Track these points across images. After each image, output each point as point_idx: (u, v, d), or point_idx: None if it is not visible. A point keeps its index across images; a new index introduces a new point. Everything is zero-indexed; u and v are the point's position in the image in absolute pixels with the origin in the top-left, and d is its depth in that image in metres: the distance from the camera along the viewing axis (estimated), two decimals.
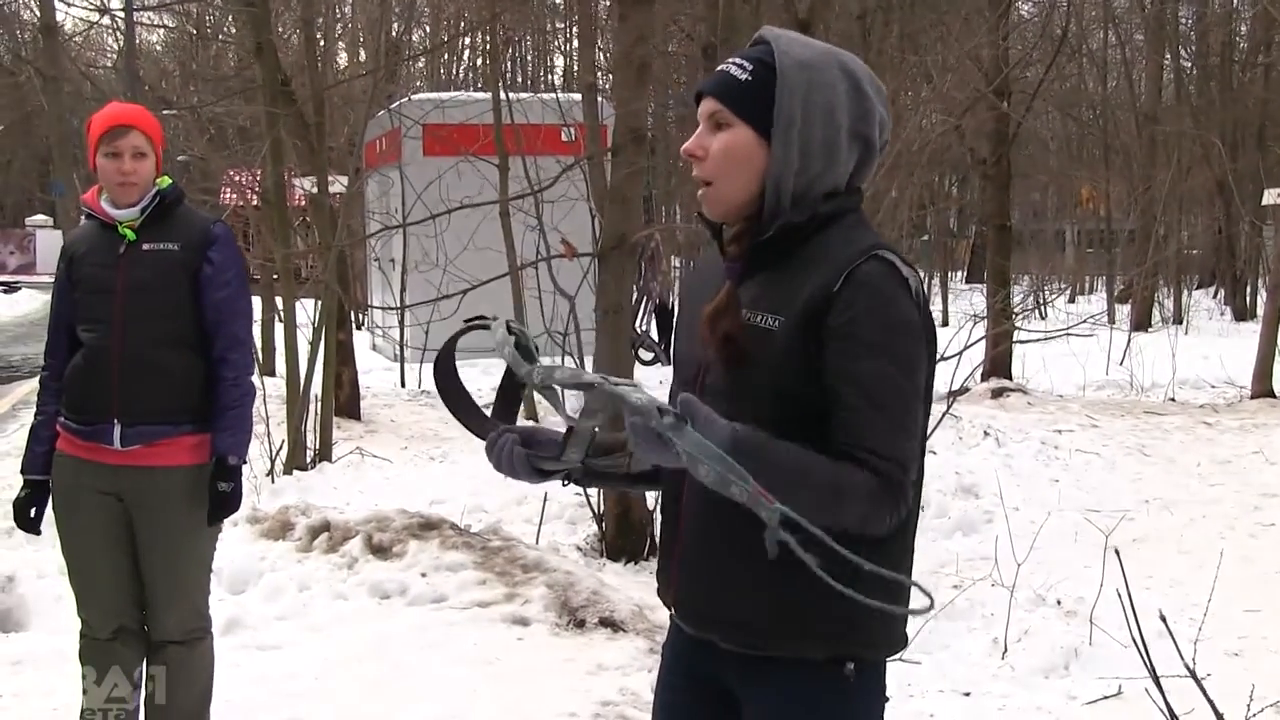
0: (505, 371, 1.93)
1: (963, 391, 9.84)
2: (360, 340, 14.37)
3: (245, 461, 3.49)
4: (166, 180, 3.44)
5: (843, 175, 1.89)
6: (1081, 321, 12.38)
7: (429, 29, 26.99)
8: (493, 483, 7.76)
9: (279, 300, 10.63)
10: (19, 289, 29.85)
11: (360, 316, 17.83)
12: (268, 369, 11.70)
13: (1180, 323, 21.07)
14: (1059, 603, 5.37)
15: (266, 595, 5.33)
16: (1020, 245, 22.73)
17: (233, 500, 3.41)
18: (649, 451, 1.68)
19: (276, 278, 10.95)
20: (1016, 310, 14.45)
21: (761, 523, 1.60)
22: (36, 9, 14.75)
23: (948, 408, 7.45)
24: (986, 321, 11.28)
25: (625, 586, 5.60)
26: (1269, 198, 17.71)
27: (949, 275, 28.82)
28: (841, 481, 1.74)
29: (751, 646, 1.89)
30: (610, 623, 4.97)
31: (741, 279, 1.90)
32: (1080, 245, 33.60)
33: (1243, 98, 25.00)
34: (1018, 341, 12.65)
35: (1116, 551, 3.88)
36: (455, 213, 7.60)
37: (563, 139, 10.65)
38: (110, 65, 25.01)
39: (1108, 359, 14.64)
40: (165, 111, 13.17)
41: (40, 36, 14.08)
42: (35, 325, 21.39)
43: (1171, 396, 12.46)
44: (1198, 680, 3.36)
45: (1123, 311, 22.27)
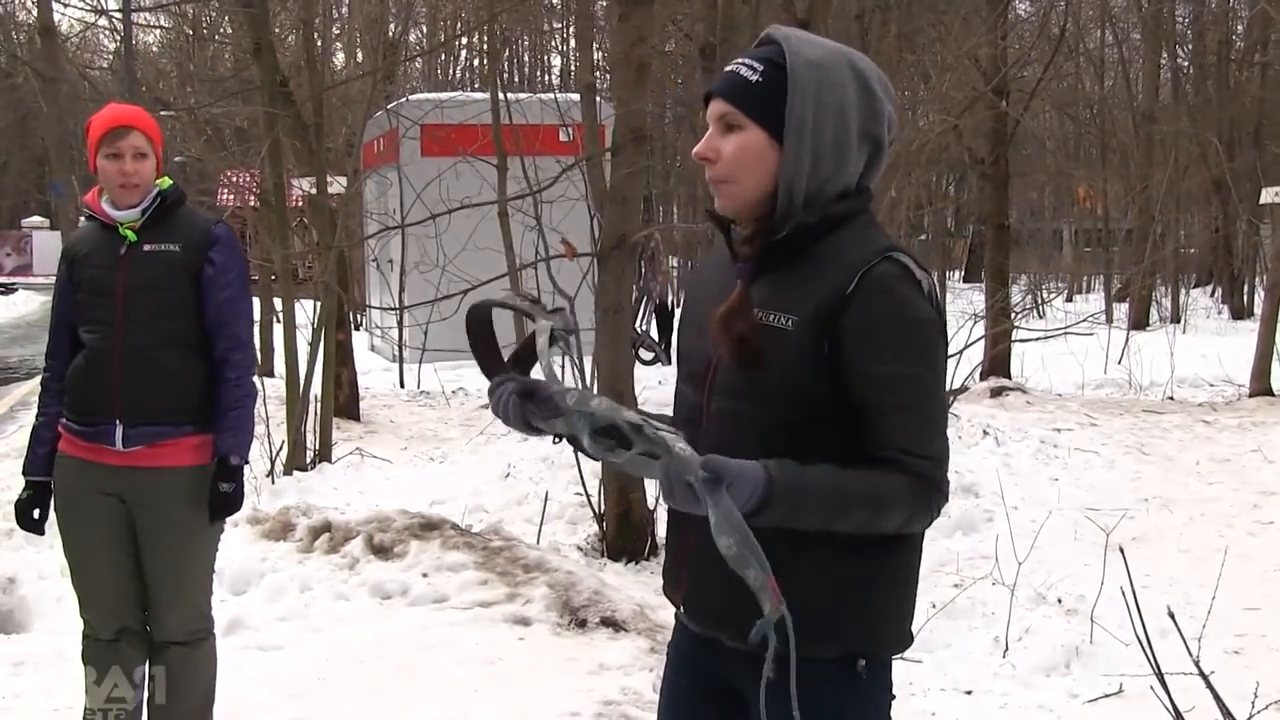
0: (529, 348, 1.89)
1: (962, 390, 9.87)
2: (359, 341, 14.37)
3: (247, 462, 3.50)
4: (167, 181, 3.43)
5: (853, 175, 1.89)
6: (1080, 320, 12.41)
7: (427, 29, 26.99)
8: (493, 483, 7.78)
9: (278, 301, 10.63)
10: (16, 290, 29.85)
11: (359, 317, 17.83)
12: (267, 370, 11.70)
13: (1178, 321, 21.10)
14: (1060, 601, 5.37)
15: (268, 596, 5.34)
16: (1018, 244, 22.76)
17: (235, 500, 3.41)
18: (679, 502, 1.68)
19: (275, 278, 10.95)
20: (1015, 309, 14.46)
21: (767, 526, 1.61)
22: (34, 9, 14.76)
23: (947, 407, 7.43)
24: (985, 321, 11.30)
25: (626, 586, 5.60)
26: (1266, 196, 17.69)
27: (946, 275, 28.81)
28: (880, 493, 1.77)
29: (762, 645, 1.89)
30: (612, 622, 4.97)
31: (753, 279, 1.90)
32: (1078, 244, 33.60)
33: (1239, 96, 25.01)
34: (1017, 341, 12.68)
35: (1121, 550, 3.88)
36: (454, 213, 7.60)
37: (561, 139, 10.65)
38: (107, 66, 24.98)
39: (1106, 358, 14.66)
40: (163, 112, 13.16)
41: (38, 37, 14.09)
42: (32, 327, 21.37)
43: (1170, 395, 12.46)
44: (1205, 678, 3.36)
45: (1121, 310, 22.29)
